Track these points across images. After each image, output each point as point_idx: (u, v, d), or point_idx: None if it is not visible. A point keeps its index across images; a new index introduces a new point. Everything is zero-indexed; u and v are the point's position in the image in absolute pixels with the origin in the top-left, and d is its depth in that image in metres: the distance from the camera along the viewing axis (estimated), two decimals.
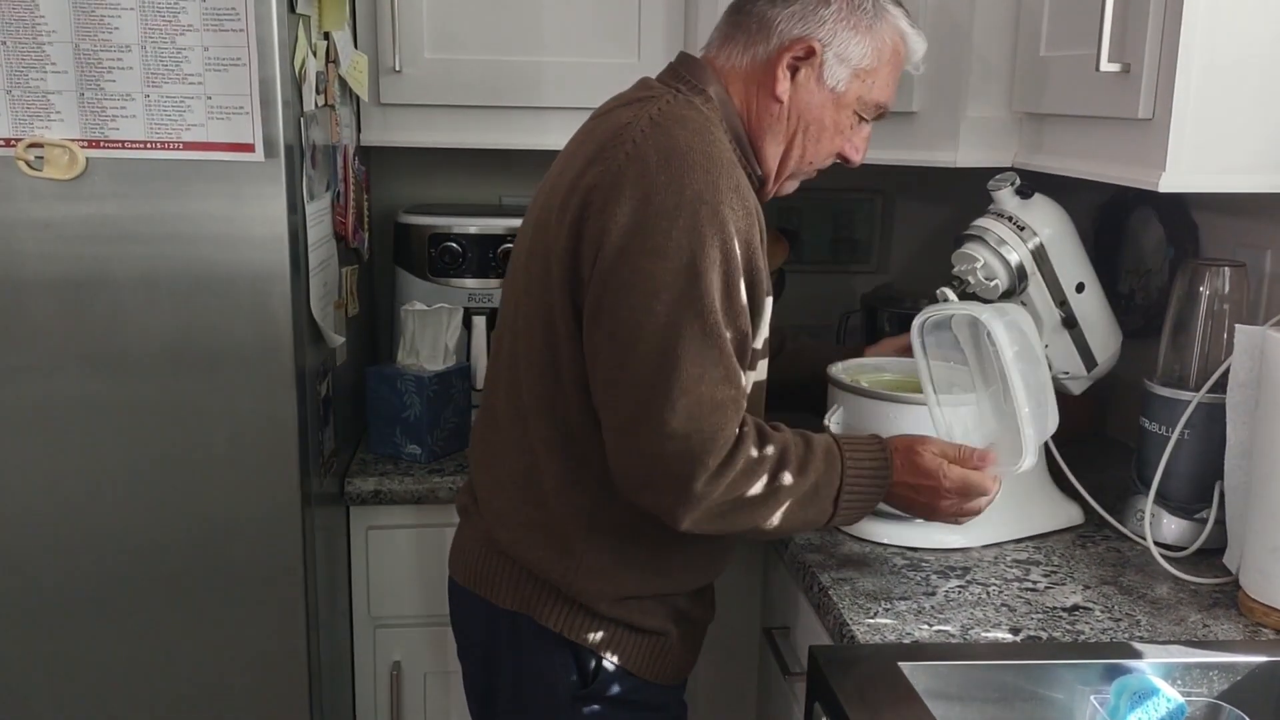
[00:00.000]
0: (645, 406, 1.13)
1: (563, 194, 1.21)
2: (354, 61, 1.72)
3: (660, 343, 1.12)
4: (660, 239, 1.12)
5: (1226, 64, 1.24)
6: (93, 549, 1.45)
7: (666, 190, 1.13)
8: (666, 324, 1.12)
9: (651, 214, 1.13)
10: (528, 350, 1.25)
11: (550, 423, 1.25)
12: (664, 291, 1.12)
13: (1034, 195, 1.47)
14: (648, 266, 1.13)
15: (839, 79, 1.26)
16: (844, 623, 1.25)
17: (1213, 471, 1.40)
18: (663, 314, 1.12)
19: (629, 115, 1.21)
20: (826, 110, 1.28)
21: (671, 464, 1.14)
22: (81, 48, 1.32)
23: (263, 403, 1.43)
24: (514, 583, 1.31)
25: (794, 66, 1.25)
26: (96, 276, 1.39)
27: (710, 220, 1.13)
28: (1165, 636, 1.23)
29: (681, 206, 1.12)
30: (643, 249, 1.13)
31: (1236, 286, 1.42)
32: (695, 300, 1.12)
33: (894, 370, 1.56)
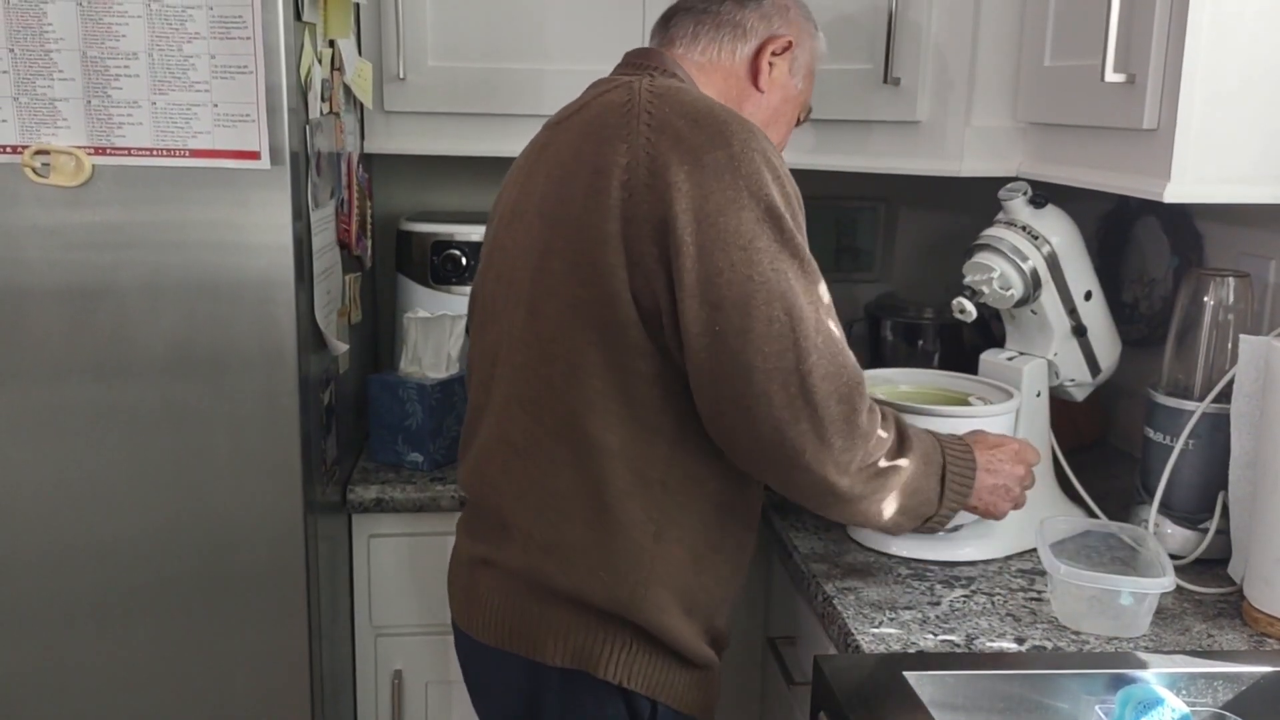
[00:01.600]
0: (794, 356, 1.09)
1: (582, 186, 1.15)
2: (359, 69, 1.72)
3: (775, 292, 1.09)
4: (730, 193, 1.10)
5: (1231, 75, 1.25)
6: (95, 556, 1.45)
7: (712, 147, 1.11)
8: (773, 272, 1.10)
9: (710, 173, 1.10)
10: (568, 356, 1.17)
11: (610, 427, 1.17)
12: (757, 240, 1.10)
13: (1047, 204, 1.48)
14: (731, 224, 1.09)
15: (799, 76, 1.35)
16: (849, 632, 1.25)
17: (1217, 481, 1.40)
18: (766, 264, 1.09)
19: (619, 97, 1.18)
20: (789, 104, 1.36)
21: (835, 407, 1.10)
22: (89, 55, 1.32)
23: (266, 410, 1.43)
24: (566, 631, 1.21)
25: (772, 61, 1.32)
26: (101, 283, 1.39)
27: (765, 164, 1.12)
28: (1170, 646, 1.23)
29: (735, 158, 1.11)
30: (718, 209, 1.10)
31: (1241, 296, 1.43)
32: (787, 241, 1.11)
33: (908, 382, 1.56)
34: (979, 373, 1.57)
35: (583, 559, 1.20)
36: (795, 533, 1.52)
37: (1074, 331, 1.50)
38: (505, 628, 1.25)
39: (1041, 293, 1.48)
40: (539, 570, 1.22)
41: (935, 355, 1.94)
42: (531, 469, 1.21)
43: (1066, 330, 1.50)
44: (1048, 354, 1.51)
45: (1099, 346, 1.53)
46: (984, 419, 1.40)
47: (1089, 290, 1.51)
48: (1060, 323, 1.50)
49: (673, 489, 1.19)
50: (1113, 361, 1.56)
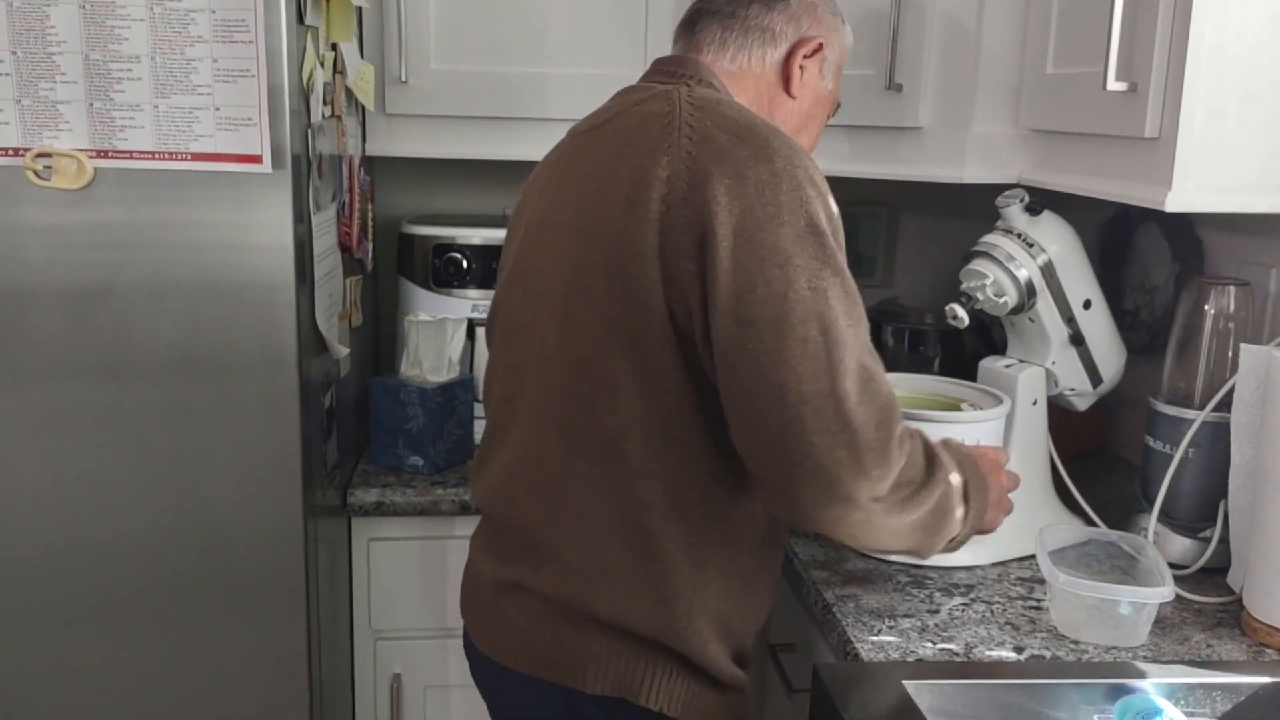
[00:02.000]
0: (828, 377, 1.04)
1: (620, 198, 1.11)
2: (361, 72, 1.72)
3: (811, 311, 1.04)
4: (771, 210, 1.06)
5: (1233, 84, 1.25)
6: (95, 557, 1.45)
7: (755, 162, 1.08)
8: (810, 290, 1.05)
9: (752, 189, 1.07)
10: (604, 375, 1.12)
11: (650, 450, 1.13)
12: (796, 258, 1.05)
13: (1043, 212, 1.48)
14: (769, 240, 1.05)
15: (829, 75, 1.32)
16: (848, 640, 1.25)
17: (1217, 490, 1.40)
18: (804, 282, 1.05)
19: (658, 107, 1.14)
20: (821, 106, 1.32)
21: (869, 430, 1.05)
22: (91, 58, 1.32)
23: (267, 413, 1.43)
24: (606, 659, 1.16)
25: (803, 65, 1.28)
26: (103, 285, 1.39)
27: (807, 181, 1.09)
28: (1169, 656, 1.23)
29: (777, 174, 1.07)
30: (757, 225, 1.06)
31: (1242, 305, 1.42)
32: (828, 259, 1.07)
33: (903, 387, 1.56)
34: (978, 379, 1.57)
35: (623, 584, 1.15)
36: (795, 540, 1.52)
37: (1072, 340, 1.50)
38: (540, 655, 1.19)
39: (1037, 301, 1.48)
40: (578, 596, 1.17)
41: (936, 361, 1.94)
42: (564, 490, 1.16)
43: (1064, 339, 1.50)
44: (1046, 362, 1.51)
45: (1100, 356, 1.53)
46: (974, 425, 1.41)
47: (1088, 299, 1.50)
48: (1058, 331, 1.50)
49: (712, 515, 1.15)
50: (1115, 372, 1.55)
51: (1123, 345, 1.57)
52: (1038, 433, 1.52)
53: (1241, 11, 1.23)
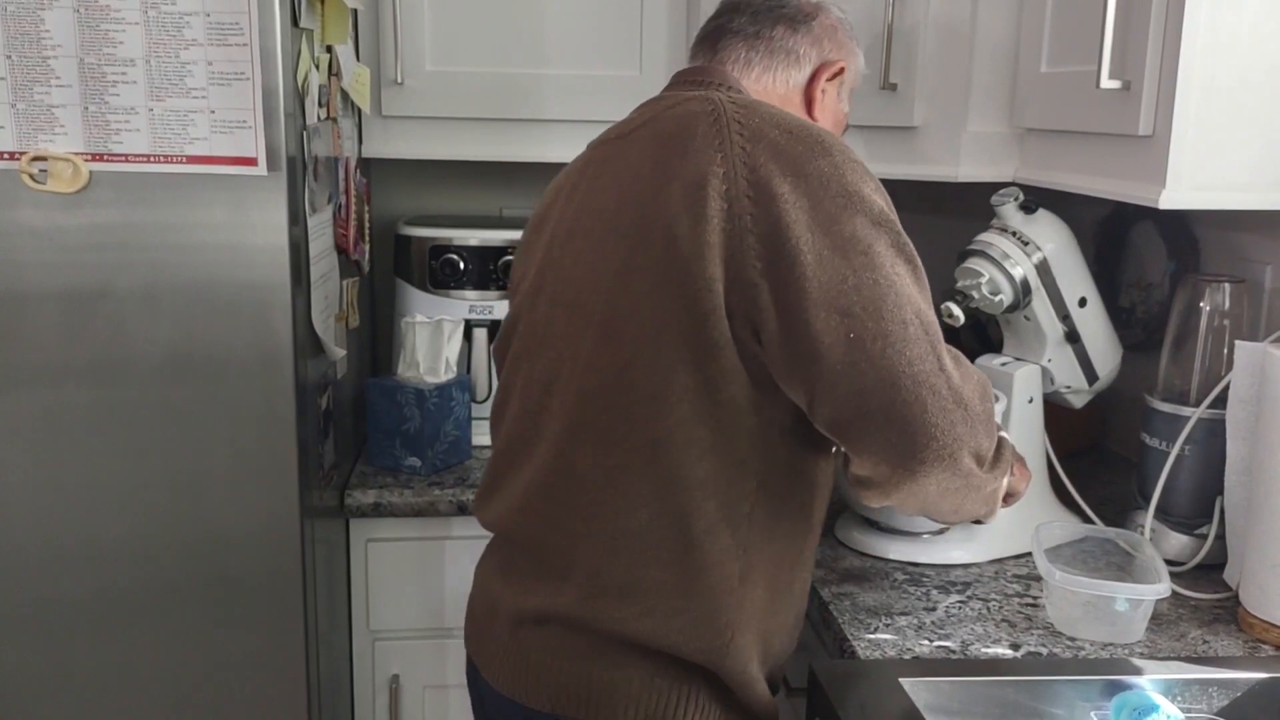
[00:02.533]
0: (933, 359, 1.04)
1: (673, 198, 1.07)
2: (356, 74, 1.72)
3: (903, 295, 1.04)
4: (840, 200, 1.05)
5: (1227, 81, 1.25)
6: (92, 559, 1.45)
7: (814, 156, 1.06)
8: (896, 276, 1.05)
9: (816, 183, 1.05)
10: (651, 381, 1.08)
11: (698, 457, 1.09)
12: (876, 244, 1.05)
13: (1038, 210, 1.48)
14: (847, 230, 1.04)
15: (845, 97, 1.32)
16: (844, 638, 1.25)
17: (1213, 487, 1.40)
18: (888, 267, 1.04)
19: (700, 107, 1.12)
20: (838, 127, 1.32)
21: (976, 405, 1.06)
22: (86, 62, 1.32)
23: (263, 415, 1.44)
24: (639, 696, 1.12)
25: (824, 88, 1.28)
26: (98, 288, 1.39)
27: (865, 173, 1.09)
28: (1165, 652, 1.24)
29: (838, 167, 1.07)
30: (831, 217, 1.04)
31: (1237, 302, 1.43)
32: (902, 248, 1.07)
33: None
34: None
35: (663, 602, 1.10)
36: None
37: (1067, 338, 1.50)
38: (568, 694, 1.14)
39: (1033, 299, 1.48)
40: (610, 616, 1.11)
41: None
42: (602, 505, 1.11)
43: (1059, 337, 1.50)
44: (1041, 360, 1.52)
45: (1095, 354, 1.53)
46: None
47: (1083, 297, 1.50)
48: (1053, 329, 1.50)
49: (758, 524, 1.12)
50: (1110, 370, 1.56)
51: (1119, 343, 1.57)
52: (1034, 431, 1.52)
53: (1234, 9, 1.23)
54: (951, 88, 1.64)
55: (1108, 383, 1.57)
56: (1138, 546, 1.37)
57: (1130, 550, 1.39)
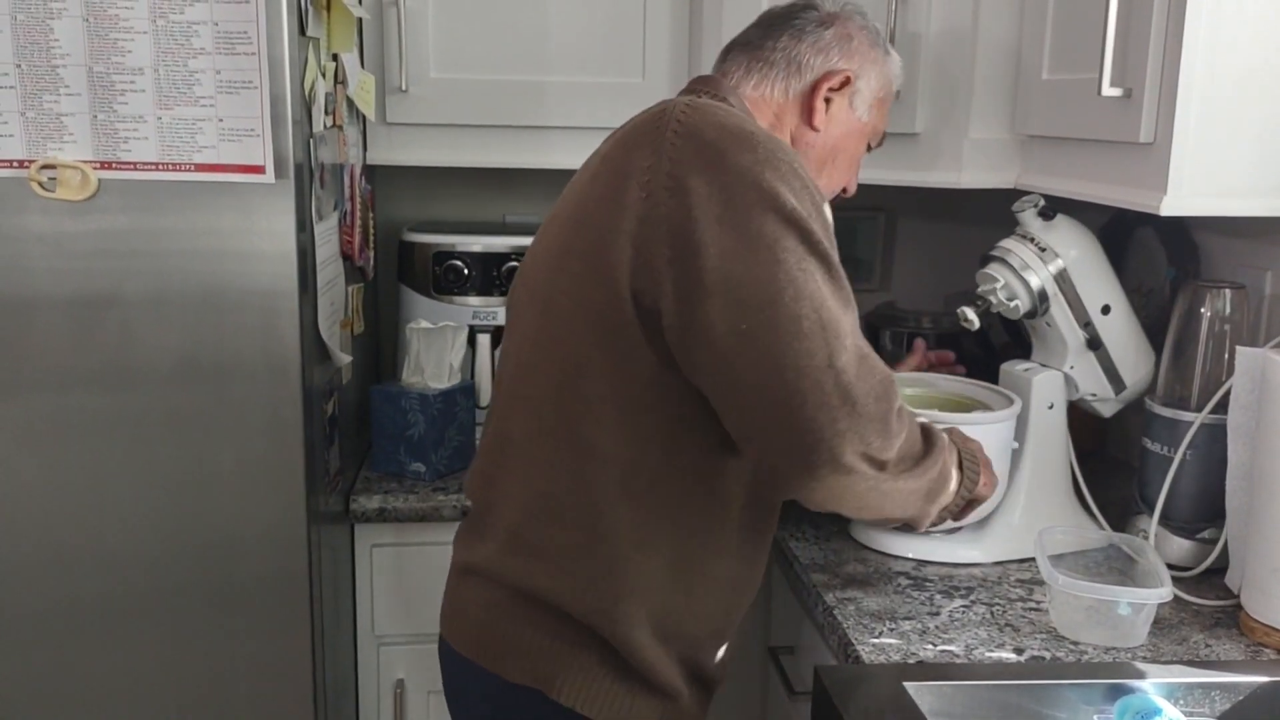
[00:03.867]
0: (826, 354, 1.05)
1: (604, 188, 1.15)
2: (361, 82, 1.73)
3: (803, 290, 1.06)
4: (754, 196, 1.07)
5: (1227, 89, 1.26)
6: (99, 564, 1.46)
7: (737, 152, 1.09)
8: (800, 271, 1.07)
9: (733, 177, 1.08)
10: (571, 355, 1.16)
11: (605, 430, 1.15)
12: (783, 240, 1.07)
13: (1057, 217, 1.49)
14: (754, 226, 1.07)
15: (863, 108, 1.31)
16: (849, 642, 1.26)
17: (1215, 492, 1.41)
18: (793, 263, 1.06)
19: (658, 109, 1.18)
20: (852, 139, 1.32)
21: (869, 402, 1.07)
22: (95, 70, 1.33)
23: (270, 421, 1.44)
24: (526, 650, 1.20)
25: (829, 98, 1.28)
26: (107, 295, 1.40)
27: (790, 172, 1.10)
28: (1168, 656, 1.24)
29: (760, 162, 1.08)
30: (741, 212, 1.07)
31: (1237, 308, 1.44)
32: (814, 246, 1.08)
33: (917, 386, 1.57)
34: (998, 384, 1.58)
35: (566, 562, 1.19)
36: (795, 542, 1.53)
37: (1088, 345, 1.51)
38: (477, 639, 1.24)
39: (1051, 306, 1.49)
40: (521, 570, 1.20)
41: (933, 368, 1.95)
42: (528, 468, 1.21)
43: (1081, 343, 1.51)
44: (1064, 367, 1.52)
45: (1121, 362, 1.52)
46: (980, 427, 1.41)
47: (1107, 304, 1.50)
48: (1073, 336, 1.50)
49: (659, 500, 1.17)
50: (1140, 378, 1.54)
51: (1150, 351, 1.55)
52: (1055, 436, 1.52)
53: (1234, 18, 1.24)
54: (953, 94, 1.65)
55: (1138, 392, 1.55)
56: (1140, 551, 1.38)
57: (1132, 555, 1.39)
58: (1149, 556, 1.35)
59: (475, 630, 1.24)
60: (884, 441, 1.09)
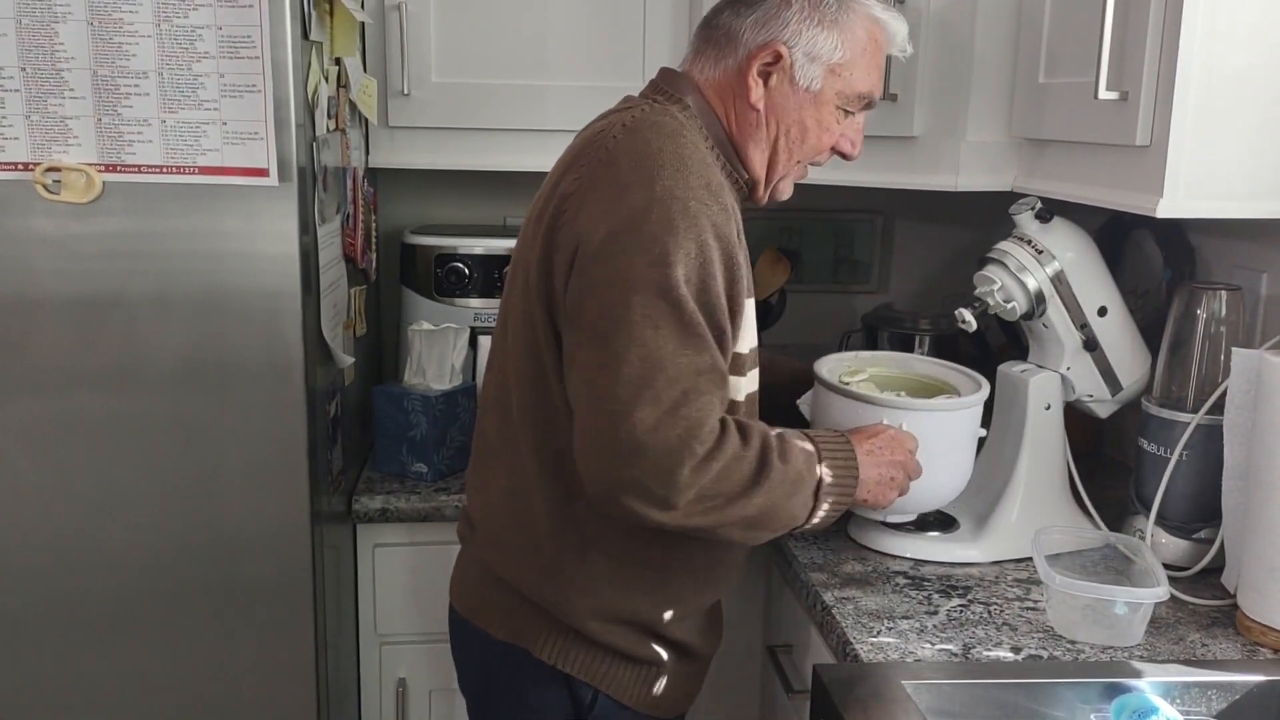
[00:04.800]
0: (629, 401, 1.09)
1: (540, 204, 1.24)
2: (364, 85, 1.74)
3: (637, 337, 1.10)
4: (633, 236, 1.12)
5: (1223, 92, 1.27)
6: (103, 564, 1.47)
7: (637, 189, 1.13)
8: (643, 317, 1.11)
9: (623, 213, 1.13)
10: (516, 366, 1.25)
11: (540, 439, 1.24)
12: (639, 285, 1.11)
13: (1053, 219, 1.50)
14: (623, 264, 1.12)
15: (812, 78, 1.26)
16: (847, 641, 1.27)
17: (1211, 492, 1.41)
18: (638, 307, 1.11)
19: (603, 124, 1.24)
20: (806, 110, 1.27)
21: (657, 457, 1.10)
22: (99, 74, 1.34)
23: (273, 422, 1.45)
24: (508, 612, 1.31)
25: (764, 73, 1.25)
26: (110, 297, 1.41)
27: (682, 215, 1.13)
28: (1164, 656, 1.25)
29: (653, 202, 1.12)
30: (617, 248, 1.12)
31: (1233, 309, 1.45)
32: (669, 291, 1.11)
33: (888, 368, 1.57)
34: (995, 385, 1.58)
35: (519, 558, 1.29)
36: (794, 542, 1.54)
37: (1085, 346, 1.52)
38: (469, 600, 1.36)
39: (1048, 307, 1.50)
40: (494, 560, 1.32)
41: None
42: (497, 466, 1.31)
43: (1077, 345, 1.52)
44: (1060, 368, 1.53)
45: (1117, 363, 1.53)
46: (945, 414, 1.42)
47: (1103, 306, 1.51)
48: (1070, 337, 1.51)
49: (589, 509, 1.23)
50: (1136, 379, 1.55)
51: (1146, 353, 1.56)
52: (1052, 437, 1.53)
53: (1230, 22, 1.25)
54: (951, 98, 1.66)
55: (1135, 393, 1.56)
56: (1136, 551, 1.39)
57: (1129, 555, 1.40)
58: (1145, 556, 1.36)
59: (470, 594, 1.36)
60: (669, 492, 1.11)
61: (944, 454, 1.40)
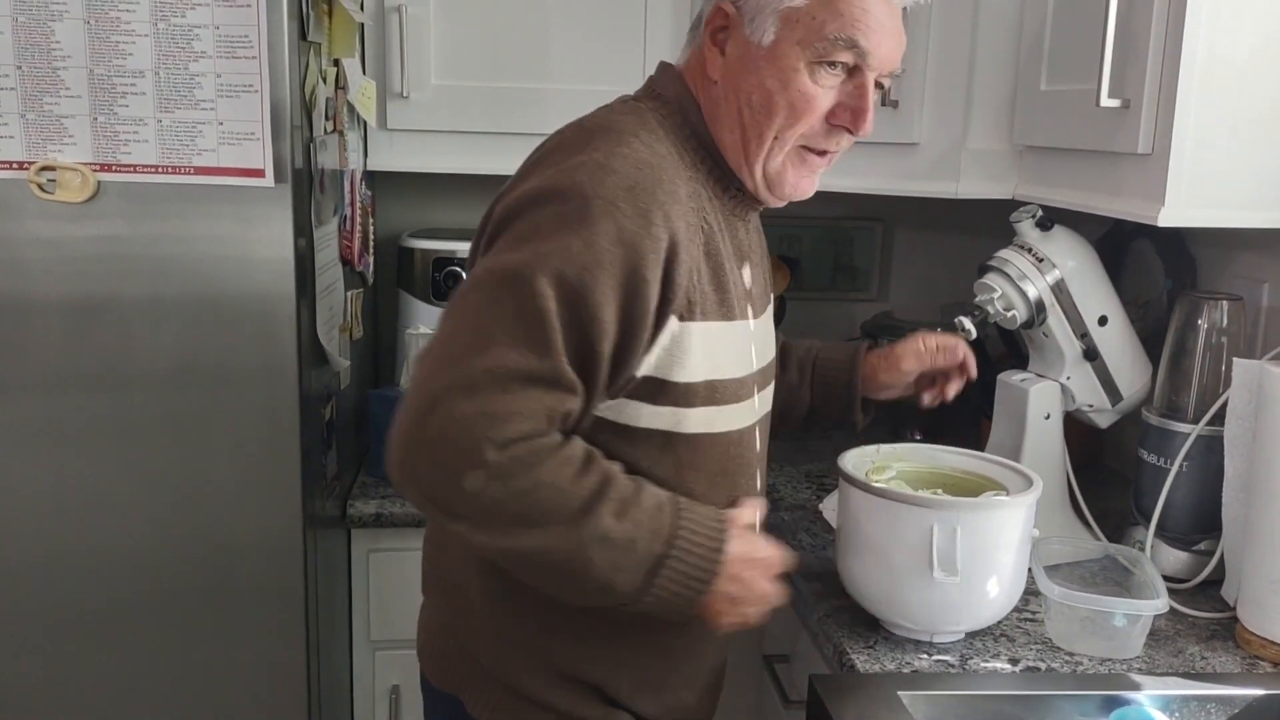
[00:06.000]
0: (433, 376, 1.00)
1: None
2: (362, 88, 1.73)
3: (472, 316, 1.01)
4: (517, 221, 1.03)
5: (1225, 101, 1.26)
6: (96, 568, 1.46)
7: (542, 179, 1.05)
8: (488, 300, 1.00)
9: (519, 198, 1.05)
10: None
11: None
12: (498, 267, 1.01)
13: (1054, 228, 1.49)
14: (499, 245, 1.04)
15: (764, 30, 1.09)
16: (843, 651, 1.26)
17: (1212, 504, 1.40)
18: (487, 289, 1.01)
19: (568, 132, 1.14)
20: (763, 71, 1.09)
21: (445, 446, 0.98)
22: (96, 73, 1.34)
23: (267, 425, 1.44)
24: (445, 658, 1.21)
25: (720, 41, 1.12)
26: (105, 297, 1.40)
27: (579, 211, 1.01)
28: (1163, 668, 1.24)
29: (553, 194, 1.03)
30: (499, 230, 1.05)
31: (1234, 319, 1.44)
32: (525, 281, 0.99)
33: (904, 461, 1.39)
34: (995, 395, 1.57)
35: (449, 600, 1.20)
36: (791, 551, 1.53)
37: (1085, 356, 1.51)
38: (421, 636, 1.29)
39: (1048, 316, 1.49)
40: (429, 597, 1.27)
41: None
42: None
43: (1078, 354, 1.51)
44: (1060, 377, 1.52)
45: (1117, 373, 1.53)
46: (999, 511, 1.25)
47: (1104, 316, 1.51)
48: (1070, 346, 1.51)
49: None
50: (1137, 389, 1.54)
51: (1147, 363, 1.55)
52: (1051, 447, 1.52)
53: (1232, 31, 1.25)
54: (952, 105, 1.66)
55: (1135, 403, 1.55)
56: (1136, 562, 1.38)
57: (1129, 566, 1.39)
58: (1145, 568, 1.34)
59: (421, 630, 1.28)
60: (450, 492, 0.99)
61: (998, 558, 1.23)
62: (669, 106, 1.15)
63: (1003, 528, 1.24)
